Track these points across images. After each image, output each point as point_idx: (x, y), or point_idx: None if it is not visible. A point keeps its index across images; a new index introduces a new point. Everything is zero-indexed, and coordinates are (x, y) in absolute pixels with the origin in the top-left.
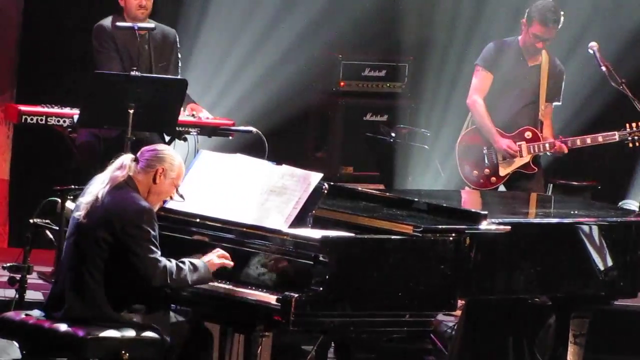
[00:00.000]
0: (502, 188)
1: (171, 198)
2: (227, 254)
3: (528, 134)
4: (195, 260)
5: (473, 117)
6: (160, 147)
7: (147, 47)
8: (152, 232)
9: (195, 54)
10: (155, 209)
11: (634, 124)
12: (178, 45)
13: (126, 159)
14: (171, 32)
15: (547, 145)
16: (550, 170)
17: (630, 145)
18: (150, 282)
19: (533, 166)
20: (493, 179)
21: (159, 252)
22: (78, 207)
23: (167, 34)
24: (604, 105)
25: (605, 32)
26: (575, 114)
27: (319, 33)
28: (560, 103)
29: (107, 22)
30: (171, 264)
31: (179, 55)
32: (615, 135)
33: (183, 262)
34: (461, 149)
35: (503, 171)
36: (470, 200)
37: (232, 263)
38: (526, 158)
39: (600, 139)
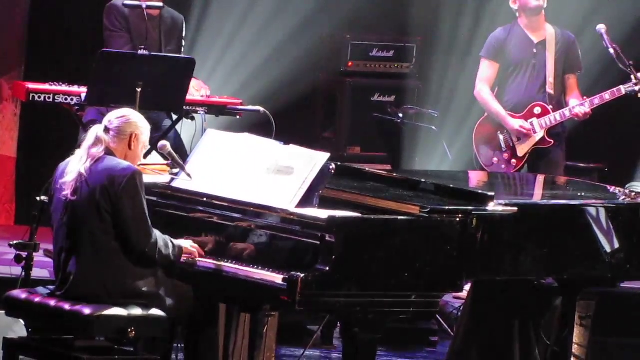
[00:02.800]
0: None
1: (163, 157)
2: (197, 248)
3: (537, 109)
4: (171, 239)
5: (482, 106)
6: (125, 111)
7: (157, 30)
8: (144, 195)
9: (204, 34)
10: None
11: (633, 77)
12: (184, 32)
13: (99, 131)
14: (179, 18)
15: (557, 115)
16: None
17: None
18: (141, 249)
19: (549, 139)
20: (513, 161)
21: (149, 220)
22: (61, 187)
23: (176, 19)
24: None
25: (613, 14)
26: (584, 95)
27: (327, 13)
28: (582, 71)
29: (118, 1)
30: (159, 235)
31: (183, 42)
32: (622, 90)
33: (165, 237)
34: (477, 140)
35: (521, 151)
36: (477, 181)
37: (197, 257)
38: (540, 133)
39: (607, 97)
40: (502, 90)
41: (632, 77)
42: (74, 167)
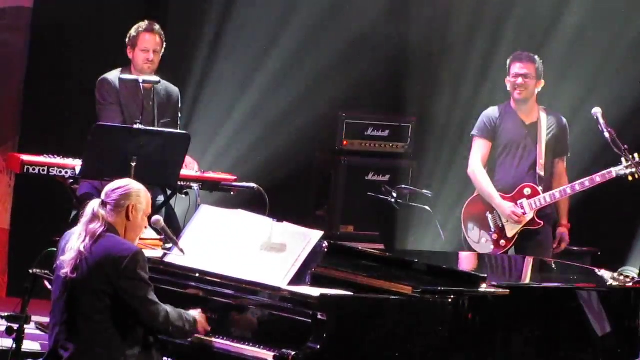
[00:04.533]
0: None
1: (156, 231)
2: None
3: (527, 191)
4: (184, 312)
5: (475, 186)
6: (122, 182)
7: (151, 103)
8: (147, 275)
9: (199, 109)
10: (135, 243)
11: (632, 156)
12: (180, 104)
13: (96, 207)
14: (175, 90)
15: (547, 197)
16: None
17: (630, 178)
18: (153, 325)
19: (539, 220)
20: (502, 242)
21: (156, 297)
22: (61, 265)
23: (171, 91)
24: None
25: (608, 98)
26: (577, 178)
27: (323, 91)
28: (569, 155)
29: (111, 75)
30: (170, 309)
31: (179, 115)
32: (612, 173)
33: (177, 310)
34: (466, 219)
35: (510, 232)
36: (469, 262)
37: (209, 328)
38: (530, 214)
39: (597, 179)
40: (492, 169)
41: (623, 159)
42: (74, 244)
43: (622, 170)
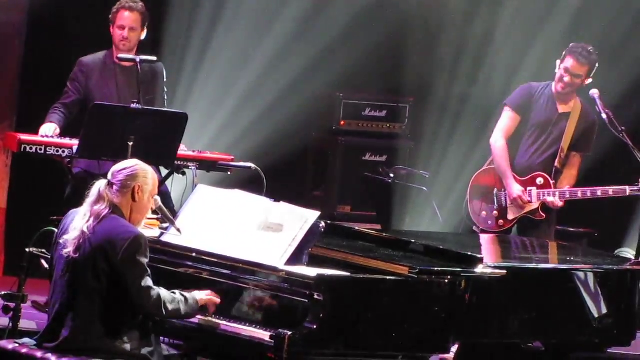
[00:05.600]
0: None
1: (152, 211)
2: (216, 299)
3: (540, 180)
4: (185, 293)
5: (492, 156)
6: (129, 163)
7: (135, 80)
8: (146, 260)
9: (197, 89)
10: (141, 225)
11: None
12: (165, 79)
13: (102, 187)
14: (158, 66)
15: (557, 193)
16: None
17: None
18: (145, 310)
19: (542, 213)
20: (501, 222)
21: (152, 281)
22: (64, 244)
23: (155, 68)
24: (603, 153)
25: (606, 80)
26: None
27: (321, 71)
28: (590, 154)
29: (88, 58)
30: (164, 293)
31: (165, 89)
32: (626, 190)
33: (174, 293)
34: (474, 187)
35: (511, 215)
36: (467, 243)
37: (218, 301)
38: (535, 204)
39: (610, 192)
40: (515, 147)
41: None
42: (78, 224)
43: (636, 192)
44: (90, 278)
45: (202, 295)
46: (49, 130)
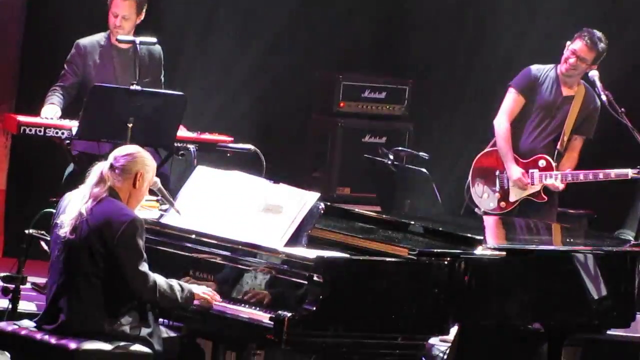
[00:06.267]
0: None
1: (152, 192)
2: (212, 294)
3: (542, 162)
4: (183, 284)
5: (495, 138)
6: (133, 149)
7: (132, 63)
8: (142, 243)
9: (196, 70)
10: (137, 209)
11: None
12: (162, 61)
13: (104, 169)
14: (156, 48)
15: (559, 175)
16: None
17: None
18: (139, 295)
19: (543, 195)
20: (503, 203)
21: (147, 265)
22: (61, 224)
23: (152, 49)
24: (603, 135)
25: (605, 61)
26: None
27: (320, 53)
28: (591, 138)
29: (86, 40)
30: (160, 280)
31: (163, 71)
32: (629, 174)
33: (171, 281)
34: (476, 169)
35: (513, 197)
36: (466, 224)
37: (212, 303)
38: (537, 186)
39: (612, 175)
40: (518, 128)
41: None
42: (76, 205)
43: (638, 175)
44: (87, 260)
45: (199, 290)
46: (51, 112)
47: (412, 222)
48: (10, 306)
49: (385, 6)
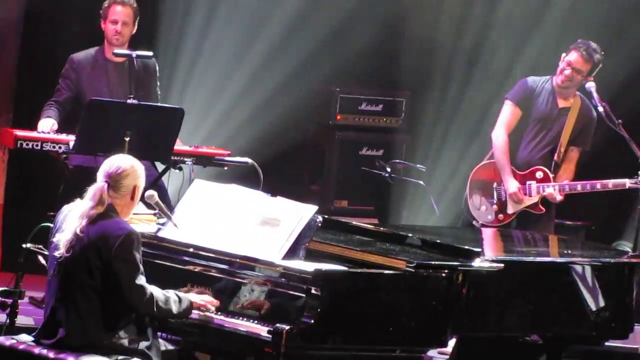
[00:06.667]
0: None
1: (149, 206)
2: (211, 301)
3: (539, 174)
4: (180, 293)
5: (493, 150)
6: (124, 163)
7: (126, 76)
8: (139, 256)
9: (193, 83)
10: (135, 225)
11: None
12: (157, 74)
13: (104, 192)
14: (150, 62)
15: (556, 186)
16: None
17: None
18: (137, 309)
19: (541, 207)
20: (501, 216)
21: (144, 278)
22: (57, 245)
23: (147, 63)
24: (600, 146)
25: (601, 73)
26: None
27: (318, 66)
28: (588, 149)
29: (80, 54)
30: (157, 292)
31: (158, 84)
32: (626, 184)
33: (168, 293)
34: (473, 181)
35: (511, 209)
36: (464, 236)
37: (212, 309)
38: (534, 198)
39: (610, 185)
40: (515, 141)
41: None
42: (71, 225)
43: (635, 185)
44: (85, 275)
45: (197, 298)
46: (47, 125)
47: (410, 235)
48: (8, 320)
49: (382, 20)
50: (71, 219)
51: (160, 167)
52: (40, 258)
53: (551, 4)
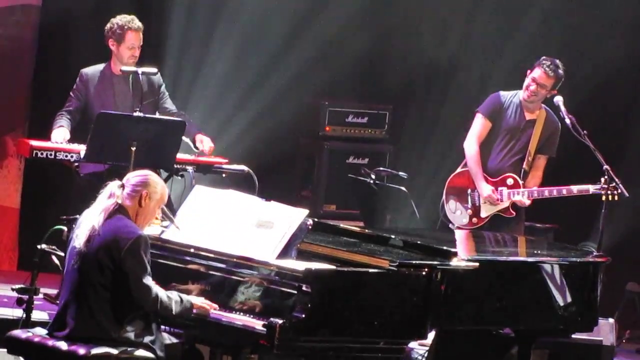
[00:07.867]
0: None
1: (156, 219)
2: (210, 304)
3: (510, 181)
4: (183, 295)
5: (466, 160)
6: (145, 172)
7: (131, 89)
8: (147, 258)
9: (194, 98)
10: (145, 229)
11: (603, 180)
12: (162, 82)
13: (114, 187)
14: (155, 77)
15: (525, 192)
16: None
17: (603, 198)
18: (143, 306)
19: (512, 211)
20: (474, 219)
21: (151, 279)
22: (77, 237)
23: (152, 79)
24: (567, 154)
25: (567, 86)
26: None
27: (307, 81)
28: (554, 156)
29: (90, 69)
30: (162, 292)
31: (167, 93)
32: (589, 190)
33: (172, 294)
34: (449, 188)
35: (484, 213)
36: (442, 238)
37: (211, 312)
38: (506, 203)
39: (575, 191)
40: (486, 151)
41: (602, 179)
42: (90, 220)
43: (598, 191)
44: (96, 272)
45: (197, 301)
46: (60, 136)
47: (393, 236)
48: (24, 315)
49: (367, 39)
50: (89, 216)
51: (163, 174)
52: (54, 258)
53: (523, 23)
